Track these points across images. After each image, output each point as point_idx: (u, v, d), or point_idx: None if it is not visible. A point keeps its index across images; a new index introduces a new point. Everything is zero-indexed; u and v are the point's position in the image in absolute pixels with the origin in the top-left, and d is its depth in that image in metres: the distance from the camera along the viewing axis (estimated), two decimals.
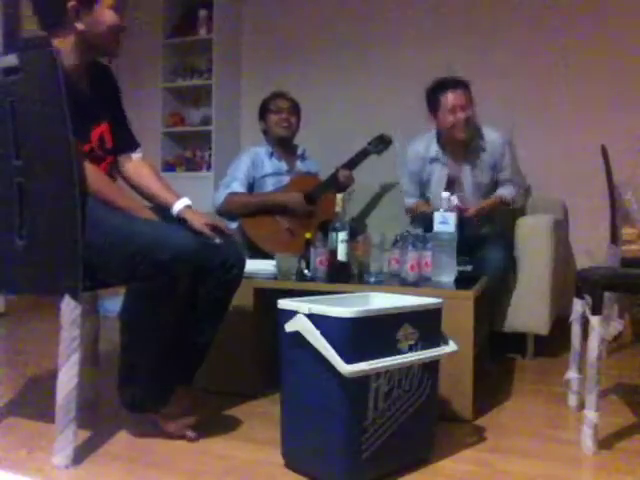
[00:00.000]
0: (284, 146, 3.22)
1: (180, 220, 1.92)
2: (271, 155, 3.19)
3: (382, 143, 3.20)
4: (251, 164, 3.14)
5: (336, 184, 3.10)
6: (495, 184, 2.99)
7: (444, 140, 2.94)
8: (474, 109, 2.85)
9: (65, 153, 1.54)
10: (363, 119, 4.00)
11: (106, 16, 1.79)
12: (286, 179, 3.16)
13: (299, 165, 3.26)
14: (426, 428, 1.66)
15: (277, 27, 4.28)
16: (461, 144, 2.90)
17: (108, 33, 1.81)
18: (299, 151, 3.29)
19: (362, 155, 3.20)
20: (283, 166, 3.20)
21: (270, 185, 3.14)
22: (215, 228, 1.93)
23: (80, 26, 1.76)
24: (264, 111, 3.22)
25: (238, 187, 3.09)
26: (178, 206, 1.94)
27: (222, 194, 3.10)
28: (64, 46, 1.77)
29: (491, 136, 2.93)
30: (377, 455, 1.51)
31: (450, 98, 2.78)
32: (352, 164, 3.19)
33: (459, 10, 3.81)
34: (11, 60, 1.57)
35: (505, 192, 2.95)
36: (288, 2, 4.25)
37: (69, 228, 1.56)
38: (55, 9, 1.75)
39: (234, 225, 3.06)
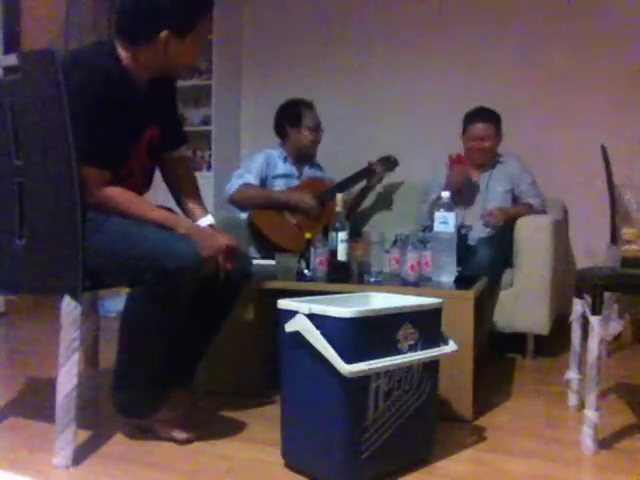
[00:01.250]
0: (302, 157, 3.29)
1: None
2: (285, 159, 3.26)
3: (388, 163, 3.34)
4: (265, 162, 3.20)
5: (369, 175, 3.28)
6: (513, 200, 3.15)
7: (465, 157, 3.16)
8: (498, 139, 3.13)
9: (65, 153, 1.54)
10: (365, 121, 4.00)
11: (190, 52, 1.79)
12: (296, 182, 3.24)
13: (307, 171, 3.32)
14: (426, 428, 1.66)
15: (277, 27, 4.28)
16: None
17: (183, 66, 1.85)
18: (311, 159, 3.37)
19: (365, 172, 3.33)
20: (294, 170, 3.27)
21: (280, 186, 3.20)
22: (231, 248, 1.90)
23: (163, 54, 1.75)
24: (298, 122, 3.21)
25: (251, 179, 3.13)
26: (201, 223, 1.94)
27: (235, 184, 3.13)
28: (135, 55, 1.76)
29: (508, 156, 3.21)
30: (377, 455, 1.51)
31: (475, 129, 3.09)
32: (351, 181, 3.31)
33: (460, 12, 3.82)
34: (11, 60, 1.57)
35: (534, 202, 3.10)
36: (288, 2, 4.25)
37: (69, 228, 1.56)
38: (145, 33, 1.73)
39: (244, 215, 3.08)
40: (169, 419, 1.77)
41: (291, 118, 3.23)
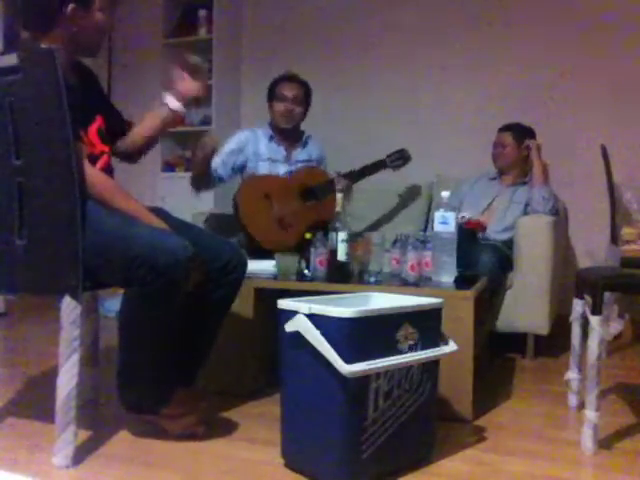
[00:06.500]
0: (285, 135, 3.12)
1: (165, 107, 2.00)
2: (271, 138, 3.10)
3: (401, 158, 3.15)
4: (237, 148, 3.05)
5: (333, 190, 2.96)
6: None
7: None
8: (518, 149, 3.21)
9: (65, 153, 1.54)
10: (366, 122, 3.99)
11: (98, 18, 1.82)
12: (281, 167, 3.07)
13: (299, 153, 3.14)
14: (426, 428, 1.66)
15: (277, 27, 4.27)
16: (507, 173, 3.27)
17: (98, 35, 1.85)
18: (303, 137, 3.18)
19: (376, 167, 3.12)
20: (281, 152, 3.10)
21: (264, 170, 3.04)
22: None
23: (74, 28, 1.78)
24: (272, 95, 3.10)
25: (221, 170, 2.99)
26: (165, 106, 2.00)
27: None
28: (52, 41, 1.76)
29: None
30: (377, 455, 1.51)
31: (495, 137, 3.29)
32: (361, 174, 3.08)
33: (461, 12, 3.82)
34: (11, 60, 1.57)
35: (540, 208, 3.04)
36: (288, 2, 4.25)
37: (69, 228, 1.56)
38: (52, 12, 1.75)
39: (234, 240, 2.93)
40: (175, 415, 1.77)
41: (268, 93, 3.13)
